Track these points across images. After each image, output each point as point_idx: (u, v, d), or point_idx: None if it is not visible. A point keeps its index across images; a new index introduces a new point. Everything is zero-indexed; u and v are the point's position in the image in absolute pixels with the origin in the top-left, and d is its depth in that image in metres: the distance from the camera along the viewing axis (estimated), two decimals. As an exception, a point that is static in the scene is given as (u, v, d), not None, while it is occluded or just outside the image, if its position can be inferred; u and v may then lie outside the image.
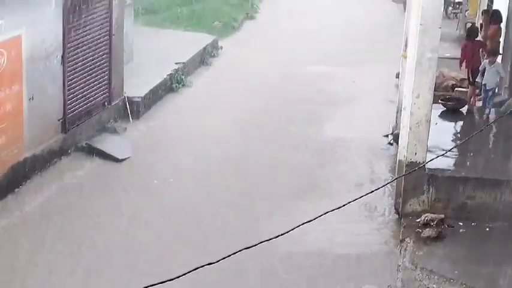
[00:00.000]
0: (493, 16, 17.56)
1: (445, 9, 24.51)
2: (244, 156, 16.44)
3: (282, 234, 6.49)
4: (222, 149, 16.68)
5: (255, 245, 6.16)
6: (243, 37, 25.41)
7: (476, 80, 16.83)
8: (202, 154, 16.38)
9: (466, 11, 24.71)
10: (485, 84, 15.65)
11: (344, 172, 15.97)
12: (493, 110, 16.36)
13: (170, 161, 16.05)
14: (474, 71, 16.97)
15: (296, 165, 16.18)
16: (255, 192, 14.87)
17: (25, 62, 14.22)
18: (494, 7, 19.29)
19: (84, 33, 15.99)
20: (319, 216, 6.87)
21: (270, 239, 6.39)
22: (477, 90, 17.14)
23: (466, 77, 17.67)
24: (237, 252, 6.00)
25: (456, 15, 26.20)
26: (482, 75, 16.12)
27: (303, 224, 6.70)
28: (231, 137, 17.35)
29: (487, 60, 15.87)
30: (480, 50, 17.09)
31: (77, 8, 15.47)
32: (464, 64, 17.25)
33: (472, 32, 17.55)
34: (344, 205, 7.36)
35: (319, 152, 16.87)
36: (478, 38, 17.31)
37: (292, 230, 6.59)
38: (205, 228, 13.35)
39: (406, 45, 15.87)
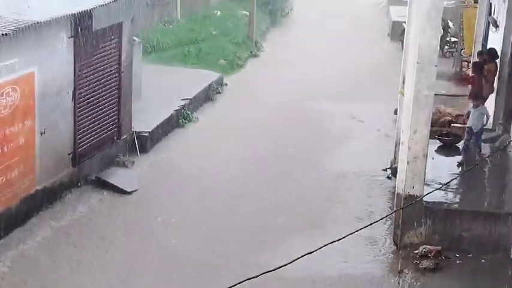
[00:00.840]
0: (489, 54, 17.62)
1: (441, 48, 24.53)
2: (246, 191, 16.37)
3: (283, 266, 6.45)
4: (224, 184, 16.63)
5: (257, 276, 6.12)
6: (247, 74, 25.46)
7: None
8: (206, 190, 16.29)
9: (462, 49, 24.77)
10: (470, 127, 15.52)
11: (344, 204, 15.91)
12: (487, 145, 16.36)
13: (175, 195, 15.98)
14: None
15: (297, 198, 16.13)
16: (256, 226, 14.79)
17: (37, 97, 14.24)
18: (489, 46, 19.33)
19: (95, 70, 16.03)
20: (320, 248, 6.84)
21: (272, 270, 6.35)
22: None
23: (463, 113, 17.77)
24: (239, 283, 5.95)
25: (452, 54, 26.23)
26: (467, 117, 16.07)
27: (304, 255, 6.67)
28: (233, 172, 17.29)
29: (471, 105, 15.83)
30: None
31: (88, 46, 15.52)
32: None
33: (478, 66, 17.71)
34: (344, 237, 7.33)
35: (320, 185, 16.83)
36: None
37: (293, 261, 6.56)
38: (205, 273, 13.03)
39: (403, 83, 15.89)
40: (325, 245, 6.98)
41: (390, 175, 16.83)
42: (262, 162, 17.94)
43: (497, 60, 17.62)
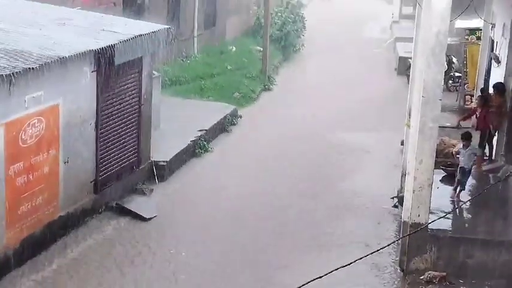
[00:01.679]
0: (498, 88, 17.59)
1: (446, 83, 24.53)
2: (258, 220, 16.32)
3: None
4: (236, 213, 16.59)
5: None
6: (261, 107, 25.51)
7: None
8: (219, 219, 16.24)
9: (465, 84, 24.76)
10: (462, 167, 15.36)
11: (354, 231, 15.88)
12: (491, 175, 16.32)
13: (189, 224, 15.92)
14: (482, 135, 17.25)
15: (309, 224, 16.12)
16: (265, 258, 14.64)
17: (62, 128, 14.31)
18: (491, 81, 19.35)
19: (116, 102, 16.12)
20: (329, 272, 6.82)
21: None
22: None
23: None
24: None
25: (456, 88, 26.21)
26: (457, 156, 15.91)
27: (313, 280, 6.65)
28: (246, 200, 17.28)
29: (461, 145, 15.72)
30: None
31: (110, 79, 15.60)
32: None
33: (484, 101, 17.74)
34: (352, 262, 7.31)
35: (330, 213, 16.79)
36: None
37: (302, 285, 6.53)
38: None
39: (409, 115, 15.91)
40: (334, 269, 6.96)
41: (397, 203, 16.78)
42: (274, 191, 17.92)
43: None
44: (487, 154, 18.06)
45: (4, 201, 12.92)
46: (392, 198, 17.27)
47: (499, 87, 17.63)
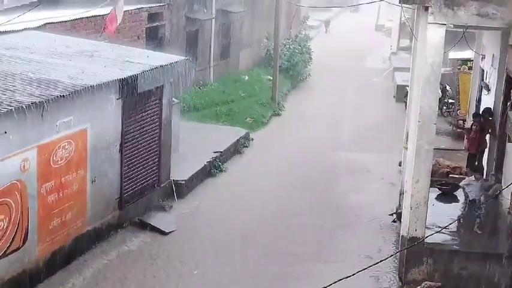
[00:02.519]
0: (489, 113, 17.58)
1: (440, 108, 24.50)
2: (266, 236, 16.22)
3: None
4: (247, 228, 16.51)
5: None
6: (271, 131, 25.50)
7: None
8: (232, 234, 16.15)
9: (458, 110, 24.72)
10: (474, 199, 14.85)
11: (357, 244, 15.81)
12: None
13: (205, 238, 15.87)
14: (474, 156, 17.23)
15: (315, 238, 16.05)
16: (277, 262, 14.67)
17: (89, 150, 14.34)
18: (482, 107, 19.30)
19: (139, 126, 16.15)
20: (332, 283, 6.78)
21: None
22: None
23: (462, 165, 17.84)
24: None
25: (450, 113, 26.20)
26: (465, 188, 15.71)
27: (321, 289, 6.62)
28: (256, 217, 17.22)
29: (472, 177, 15.53)
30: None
31: (133, 106, 15.66)
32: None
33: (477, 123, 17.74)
34: (354, 274, 7.27)
35: (333, 227, 16.72)
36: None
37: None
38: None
39: (407, 138, 15.86)
40: (336, 281, 6.93)
41: (396, 219, 16.70)
42: (282, 207, 17.86)
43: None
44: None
45: (36, 217, 12.93)
46: (391, 214, 17.19)
47: (489, 111, 17.64)
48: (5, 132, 11.36)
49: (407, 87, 21.57)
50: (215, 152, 20.59)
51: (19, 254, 12.53)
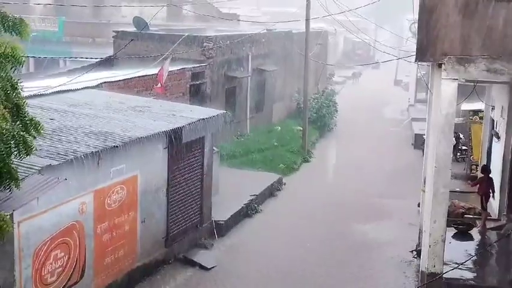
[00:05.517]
0: (486, 170, 17.42)
1: (454, 154, 24.25)
2: (300, 273, 16.01)
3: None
4: (282, 265, 16.32)
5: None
6: (301, 176, 25.38)
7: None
8: (267, 269, 16.00)
9: (471, 156, 24.43)
10: None
11: (381, 279, 15.53)
12: (494, 232, 15.91)
13: (243, 273, 15.73)
14: (486, 197, 16.84)
15: (344, 274, 15.81)
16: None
17: (139, 194, 14.40)
18: (492, 153, 19.07)
19: (183, 173, 16.20)
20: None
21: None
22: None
23: (477, 205, 17.52)
24: None
25: (463, 159, 25.88)
26: None
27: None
28: (290, 255, 17.01)
29: None
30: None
31: (178, 154, 15.74)
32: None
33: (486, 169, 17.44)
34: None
35: (362, 265, 16.45)
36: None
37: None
38: None
39: (424, 182, 15.69)
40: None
41: (416, 256, 16.41)
42: (311, 246, 17.65)
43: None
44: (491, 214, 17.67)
45: (92, 254, 12.97)
46: (412, 251, 16.89)
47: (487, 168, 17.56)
48: (65, 179, 11.48)
49: (424, 136, 21.38)
50: (251, 195, 20.53)
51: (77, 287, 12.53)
